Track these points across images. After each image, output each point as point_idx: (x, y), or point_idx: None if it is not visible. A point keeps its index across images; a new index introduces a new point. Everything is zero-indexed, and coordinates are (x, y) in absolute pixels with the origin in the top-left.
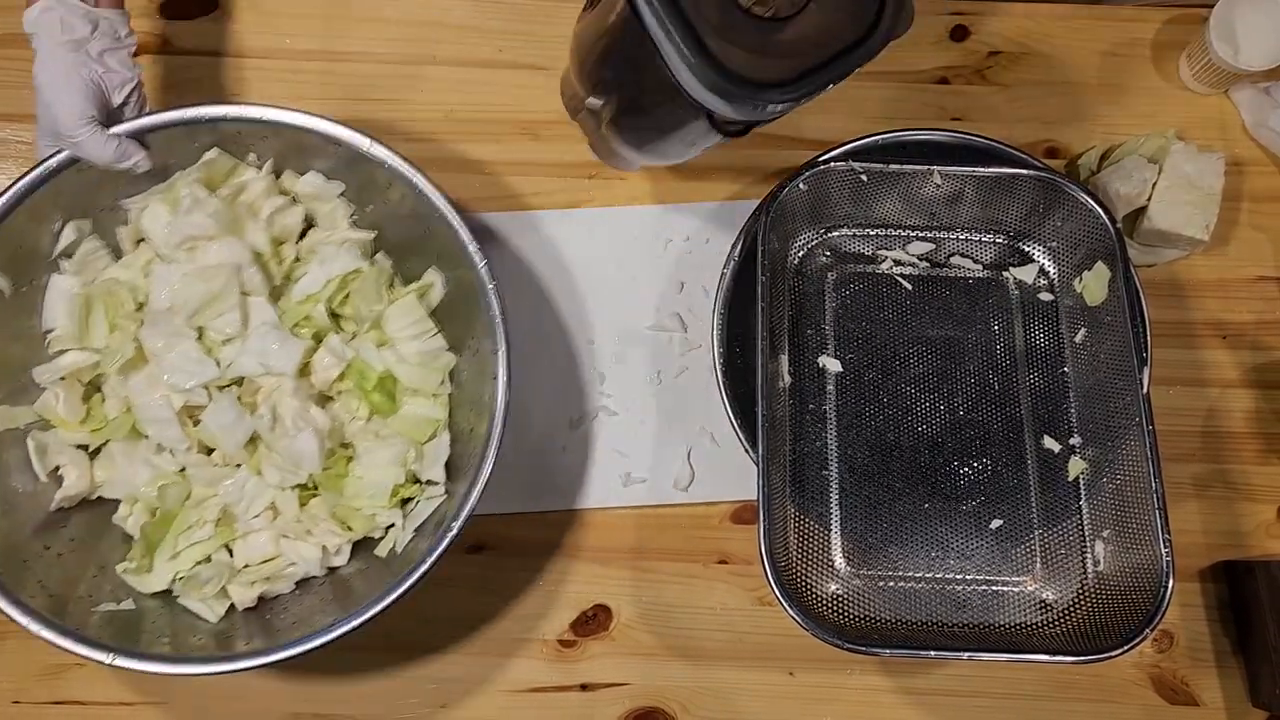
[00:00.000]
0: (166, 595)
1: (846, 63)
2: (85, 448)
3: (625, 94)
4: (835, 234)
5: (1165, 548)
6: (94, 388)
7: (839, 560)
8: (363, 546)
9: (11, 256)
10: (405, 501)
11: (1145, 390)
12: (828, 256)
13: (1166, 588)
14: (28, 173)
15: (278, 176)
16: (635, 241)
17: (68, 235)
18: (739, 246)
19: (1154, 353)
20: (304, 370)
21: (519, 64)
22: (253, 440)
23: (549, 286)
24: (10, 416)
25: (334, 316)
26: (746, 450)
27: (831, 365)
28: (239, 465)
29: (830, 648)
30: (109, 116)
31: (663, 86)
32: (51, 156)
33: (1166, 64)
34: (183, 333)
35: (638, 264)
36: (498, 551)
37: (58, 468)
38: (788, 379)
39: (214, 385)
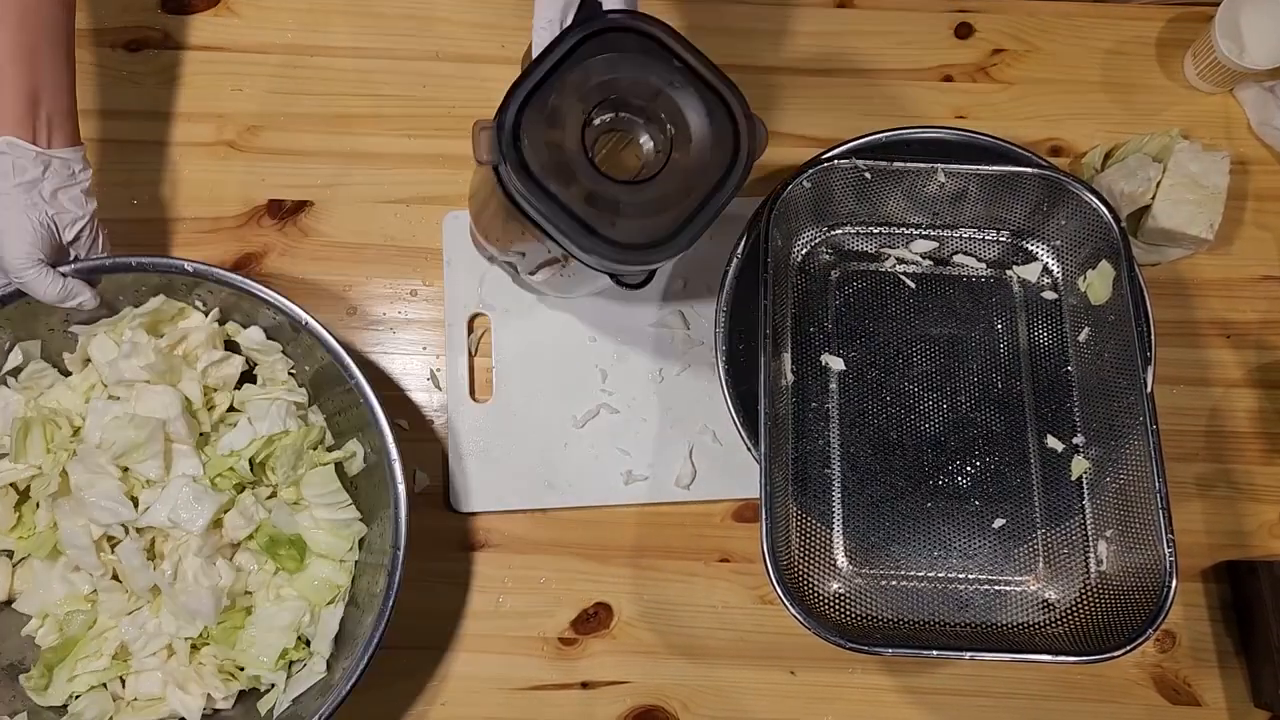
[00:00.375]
0: (62, 710)
1: (718, 200)
2: (9, 554)
3: (527, 258)
4: (839, 231)
5: (1169, 548)
6: (28, 494)
7: (841, 559)
8: (249, 694)
9: None
10: (293, 663)
11: (1149, 389)
12: (831, 254)
13: (1169, 588)
14: None
15: (223, 323)
16: None
17: (15, 357)
18: (742, 244)
19: (1158, 352)
20: (216, 522)
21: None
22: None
23: None
24: None
25: (260, 466)
26: (749, 448)
27: (834, 363)
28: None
29: (832, 647)
30: (60, 253)
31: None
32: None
33: (1171, 62)
34: (106, 471)
35: None
36: (498, 549)
37: None
38: (790, 377)
39: (132, 524)
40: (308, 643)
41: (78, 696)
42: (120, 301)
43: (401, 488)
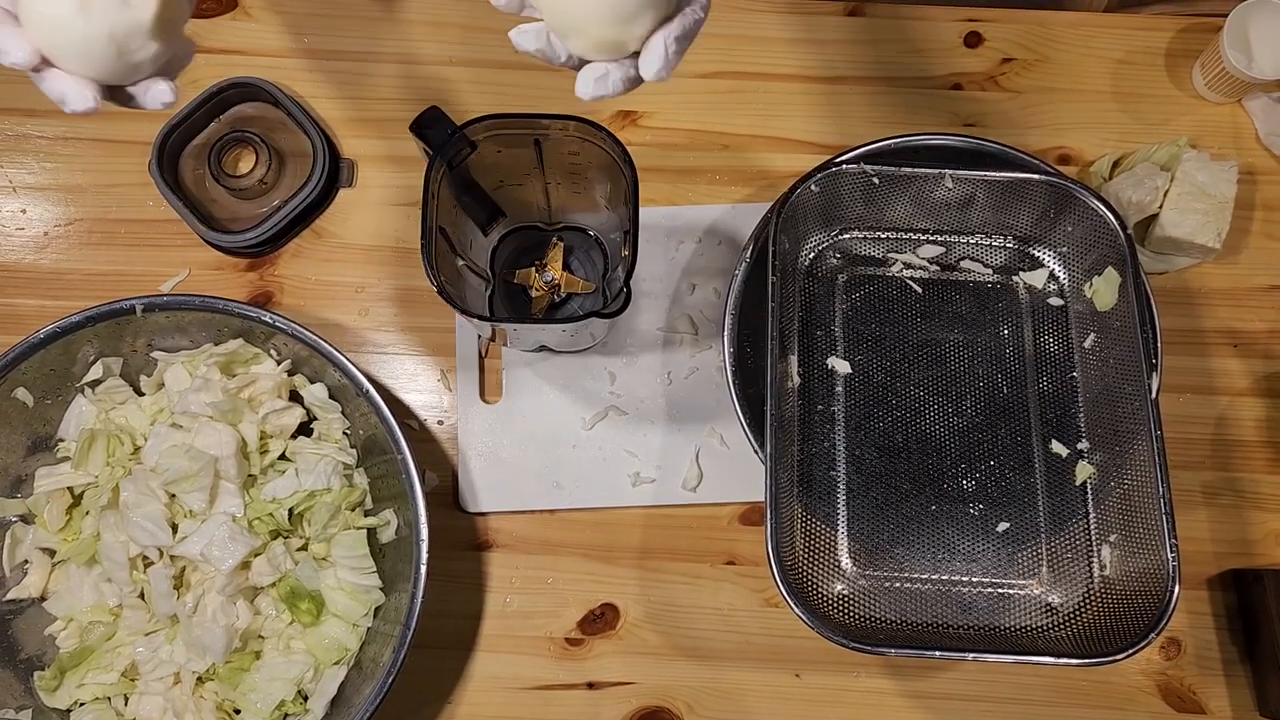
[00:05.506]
0: (65, 714)
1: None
2: (52, 553)
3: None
4: (846, 236)
5: (1172, 553)
6: (80, 500)
7: (845, 561)
8: None
9: (44, 376)
10: (287, 715)
11: (1154, 395)
12: (838, 258)
13: (1173, 593)
14: (72, 315)
15: (292, 374)
16: (647, 242)
17: (96, 370)
18: (751, 248)
19: (1164, 360)
20: (244, 564)
21: (535, 66)
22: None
23: None
24: (2, 506)
25: (298, 518)
26: (755, 451)
27: (840, 367)
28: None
29: (836, 651)
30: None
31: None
32: (98, 307)
33: (1180, 72)
34: (155, 495)
35: (649, 265)
36: (506, 549)
37: (25, 562)
38: (797, 380)
39: (167, 550)
40: (305, 698)
41: (82, 704)
42: (203, 338)
43: (424, 569)
